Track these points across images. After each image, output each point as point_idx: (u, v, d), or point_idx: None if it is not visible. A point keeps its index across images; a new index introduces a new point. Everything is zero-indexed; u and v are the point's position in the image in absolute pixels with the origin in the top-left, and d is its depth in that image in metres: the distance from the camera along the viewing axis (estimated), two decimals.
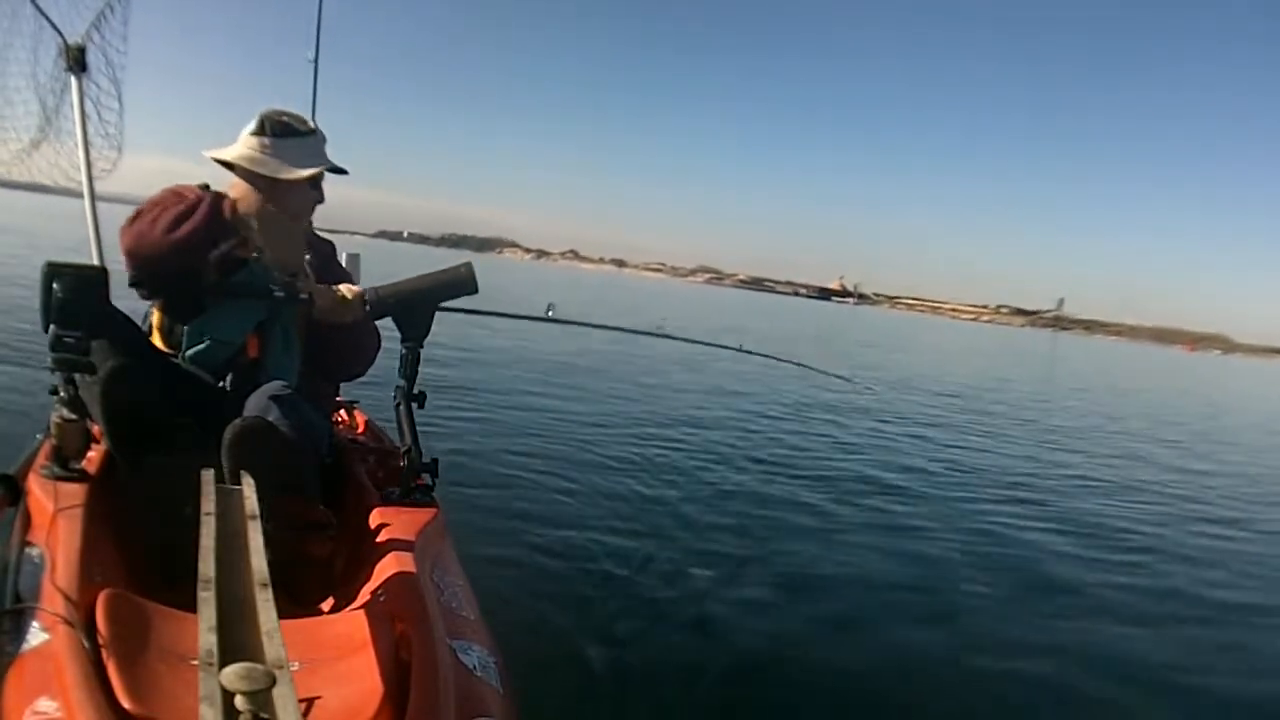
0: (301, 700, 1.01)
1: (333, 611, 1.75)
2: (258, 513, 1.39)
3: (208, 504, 1.38)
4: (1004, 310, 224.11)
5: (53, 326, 1.79)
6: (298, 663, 1.27)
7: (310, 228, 2.36)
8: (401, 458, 2.20)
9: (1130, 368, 40.73)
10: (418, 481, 2.19)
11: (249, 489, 1.46)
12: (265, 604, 1.14)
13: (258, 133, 2.12)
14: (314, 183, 2.19)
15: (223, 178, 2.16)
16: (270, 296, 2.11)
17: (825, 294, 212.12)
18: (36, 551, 1.61)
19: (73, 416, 1.85)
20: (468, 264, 2.29)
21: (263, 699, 0.94)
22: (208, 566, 1.19)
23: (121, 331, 1.98)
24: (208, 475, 1.49)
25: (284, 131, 2.14)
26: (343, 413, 3.08)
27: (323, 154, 2.19)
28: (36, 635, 1.33)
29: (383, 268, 4.61)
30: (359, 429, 3.04)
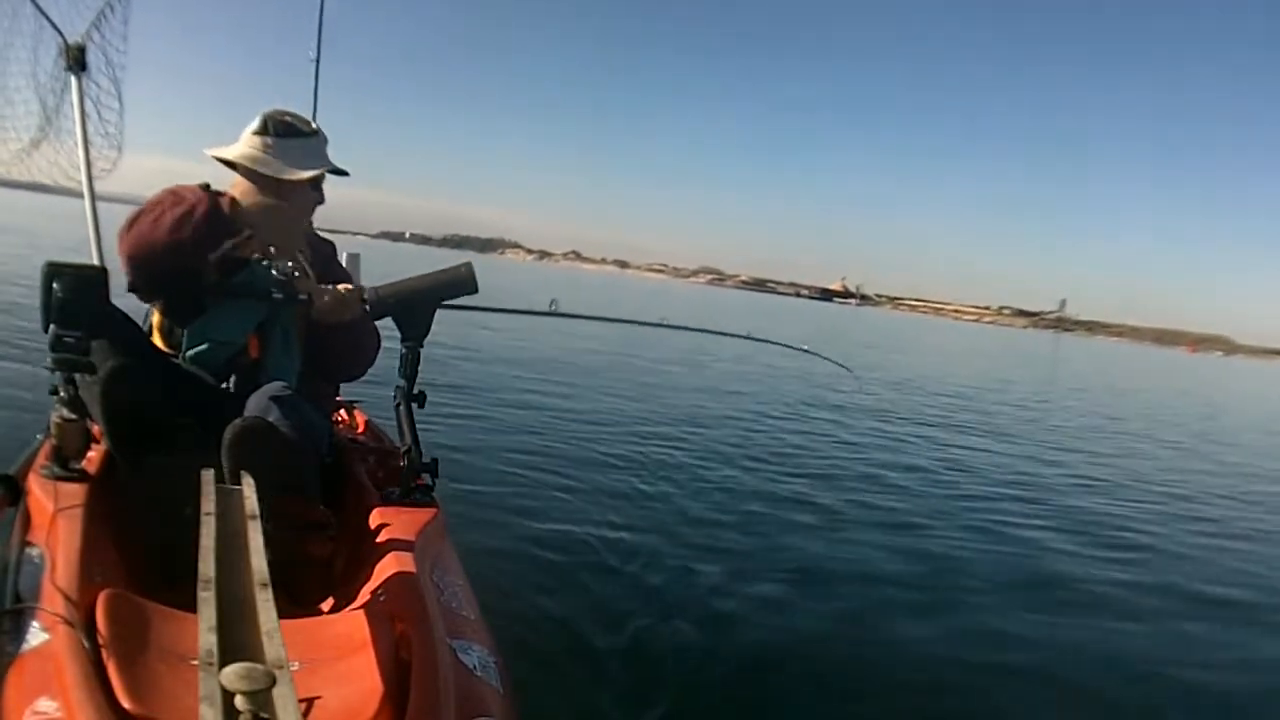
0: (301, 700, 1.01)
1: (333, 611, 1.75)
2: (258, 513, 1.39)
3: (208, 504, 1.38)
4: (1006, 311, 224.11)
5: (53, 326, 1.79)
6: (298, 663, 1.27)
7: (311, 228, 2.36)
8: (401, 457, 2.21)
9: (1131, 368, 40.75)
10: (418, 481, 2.19)
11: (249, 489, 1.46)
12: (265, 604, 1.14)
13: (261, 132, 2.12)
14: (315, 184, 2.19)
15: (224, 176, 2.16)
16: (270, 298, 2.11)
17: (827, 295, 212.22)
18: (36, 551, 1.60)
19: (73, 416, 1.85)
20: (468, 264, 2.29)
21: (263, 699, 0.94)
22: (208, 566, 1.19)
23: (122, 331, 1.98)
24: (208, 475, 1.49)
25: (287, 132, 2.13)
26: (343, 413, 3.07)
27: (324, 155, 2.19)
28: (37, 635, 1.33)
29: (385, 268, 4.61)
30: (359, 429, 3.04)
